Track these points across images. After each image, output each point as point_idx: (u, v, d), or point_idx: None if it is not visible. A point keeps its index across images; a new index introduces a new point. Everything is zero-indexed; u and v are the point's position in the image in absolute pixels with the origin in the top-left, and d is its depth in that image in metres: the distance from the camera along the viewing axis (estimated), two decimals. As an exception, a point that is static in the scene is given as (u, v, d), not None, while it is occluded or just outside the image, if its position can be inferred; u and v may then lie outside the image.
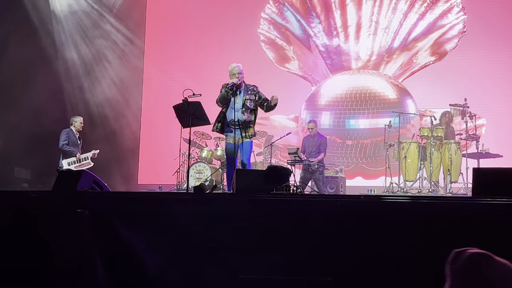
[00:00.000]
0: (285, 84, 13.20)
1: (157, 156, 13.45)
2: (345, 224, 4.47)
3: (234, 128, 8.01)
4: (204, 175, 11.76)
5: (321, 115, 12.83)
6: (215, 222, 4.75)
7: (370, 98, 12.74)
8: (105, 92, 13.45)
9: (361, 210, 4.59)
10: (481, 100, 11.64)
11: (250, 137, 8.11)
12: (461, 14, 12.49)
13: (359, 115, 12.77)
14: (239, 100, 8.05)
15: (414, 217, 4.36)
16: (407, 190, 10.36)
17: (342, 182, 11.52)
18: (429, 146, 10.38)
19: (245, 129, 8.05)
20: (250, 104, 8.06)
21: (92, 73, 13.59)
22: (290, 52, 13.54)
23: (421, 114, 11.85)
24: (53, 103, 12.44)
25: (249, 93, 8.09)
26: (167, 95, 12.15)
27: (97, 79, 13.58)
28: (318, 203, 5.02)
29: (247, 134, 8.07)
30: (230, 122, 8.05)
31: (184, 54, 13.95)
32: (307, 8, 13.39)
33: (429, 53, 12.69)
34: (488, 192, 4.70)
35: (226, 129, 8.12)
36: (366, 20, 13.05)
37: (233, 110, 8.01)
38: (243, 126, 8.02)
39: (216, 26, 13.79)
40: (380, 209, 4.58)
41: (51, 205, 5.18)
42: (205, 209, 4.92)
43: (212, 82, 12.67)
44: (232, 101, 8.00)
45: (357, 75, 13.01)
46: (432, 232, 4.25)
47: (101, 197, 5.66)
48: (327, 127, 12.64)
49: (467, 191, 9.92)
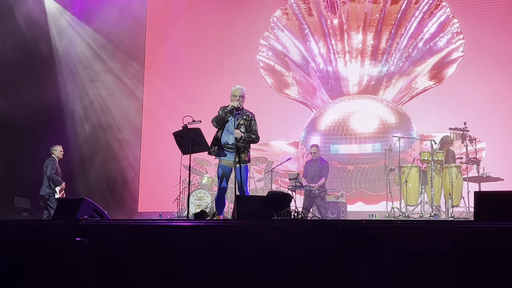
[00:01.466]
0: (285, 110, 13.22)
1: (158, 183, 13.41)
2: (346, 249, 4.44)
3: (229, 152, 7.90)
4: (205, 202, 11.74)
5: (321, 140, 12.81)
6: (216, 248, 4.72)
7: (370, 123, 12.74)
8: (104, 119, 13.47)
9: (362, 235, 4.56)
10: (481, 123, 11.65)
11: (244, 162, 7.92)
12: (459, 38, 12.54)
13: (359, 140, 12.76)
14: (235, 124, 7.92)
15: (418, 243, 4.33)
16: (409, 214, 10.32)
17: (344, 207, 11.48)
18: (430, 170, 10.36)
19: (238, 154, 7.83)
20: (244, 130, 7.91)
21: (91, 99, 13.62)
22: (289, 78, 13.57)
23: (421, 138, 11.86)
24: (51, 129, 12.49)
25: (244, 118, 7.97)
26: (167, 122, 12.17)
27: (96, 105, 13.60)
28: (320, 228, 4.99)
29: (242, 159, 7.86)
30: (225, 145, 7.92)
31: (184, 81, 13.99)
32: (305, 34, 13.45)
33: (428, 77, 12.72)
34: (491, 216, 4.68)
35: (220, 152, 7.98)
36: (364, 45, 13.09)
37: (228, 133, 7.91)
38: (237, 151, 7.83)
39: (215, 53, 13.83)
40: (383, 234, 4.55)
41: (51, 233, 5.16)
42: (206, 236, 4.89)
43: (212, 108, 12.71)
44: (229, 124, 7.92)
45: (357, 100, 13.03)
46: (439, 257, 4.21)
47: (101, 225, 5.63)
48: (327, 152, 12.62)
49: (469, 215, 9.88)
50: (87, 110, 13.56)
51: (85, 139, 13.40)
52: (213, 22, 13.99)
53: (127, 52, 14.12)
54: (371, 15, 13.09)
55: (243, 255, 4.58)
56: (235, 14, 13.89)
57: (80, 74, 13.63)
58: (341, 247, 4.47)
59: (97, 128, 13.53)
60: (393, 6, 12.97)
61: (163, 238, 4.99)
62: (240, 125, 7.91)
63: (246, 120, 7.97)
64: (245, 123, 7.96)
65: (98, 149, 13.41)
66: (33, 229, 5.54)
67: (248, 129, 7.96)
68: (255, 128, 8.01)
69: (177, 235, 5.03)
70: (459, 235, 4.35)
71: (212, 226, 5.47)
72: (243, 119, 7.97)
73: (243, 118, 7.97)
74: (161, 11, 14.56)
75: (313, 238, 4.66)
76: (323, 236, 4.65)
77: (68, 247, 4.83)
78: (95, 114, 13.62)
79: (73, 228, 5.14)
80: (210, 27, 14.01)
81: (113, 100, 13.75)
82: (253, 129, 7.99)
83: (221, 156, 8.00)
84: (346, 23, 13.22)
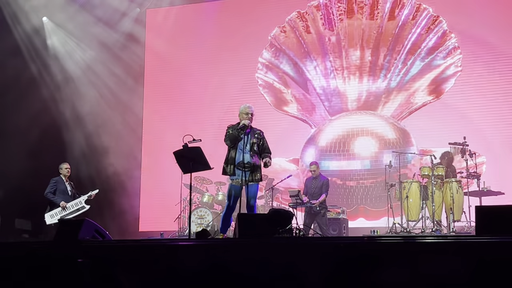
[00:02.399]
0: (284, 127, 13.24)
1: (158, 202, 13.38)
2: (349, 266, 4.43)
3: (243, 171, 7.84)
4: (206, 220, 11.72)
5: (321, 157, 12.82)
6: (219, 267, 4.71)
7: (370, 138, 12.76)
8: (104, 138, 13.49)
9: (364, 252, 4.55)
10: (480, 138, 11.68)
11: (257, 180, 7.97)
12: (457, 53, 12.59)
13: (358, 156, 12.77)
14: (247, 142, 7.93)
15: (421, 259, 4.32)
16: (410, 230, 10.30)
17: (345, 223, 11.45)
18: (431, 185, 10.35)
19: (253, 173, 7.89)
20: (256, 148, 7.95)
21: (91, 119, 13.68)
22: (288, 95, 13.60)
23: (421, 153, 11.86)
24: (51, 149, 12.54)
25: (256, 136, 8.00)
26: (167, 141, 12.17)
27: (95, 125, 13.64)
28: (322, 245, 4.99)
29: (254, 178, 7.92)
30: (239, 164, 7.89)
31: (184, 98, 14.02)
32: (304, 51, 13.51)
33: (427, 92, 12.75)
34: (492, 230, 4.68)
35: (234, 171, 7.93)
36: (362, 62, 13.14)
37: (242, 152, 7.89)
38: (252, 169, 7.87)
39: (214, 71, 13.88)
40: (384, 251, 4.54)
41: (53, 255, 5.15)
42: (208, 255, 4.88)
43: (212, 126, 12.81)
44: (241, 142, 7.91)
45: (356, 116, 13.05)
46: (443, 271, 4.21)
47: (103, 246, 5.62)
48: (327, 168, 12.62)
49: (471, 230, 9.85)
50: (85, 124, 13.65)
51: (84, 155, 13.45)
52: (211, 39, 14.06)
53: (126, 72, 14.19)
54: (369, 31, 13.16)
55: (245, 274, 4.57)
56: (233, 32, 13.96)
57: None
58: (343, 264, 4.46)
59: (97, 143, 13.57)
60: (390, 22, 13.04)
61: (164, 258, 4.98)
62: (254, 143, 7.94)
63: (258, 139, 8.01)
64: (258, 142, 8.00)
65: (98, 169, 13.41)
66: (35, 250, 5.53)
67: (261, 147, 8.02)
68: (267, 145, 8.09)
69: (179, 254, 5.02)
70: (461, 250, 4.34)
71: (214, 245, 5.47)
72: (255, 137, 8.00)
73: (254, 137, 8.00)
74: (159, 29, 14.63)
75: (315, 255, 4.65)
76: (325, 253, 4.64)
77: (69, 268, 4.82)
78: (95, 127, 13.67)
79: (75, 249, 5.14)
80: (208, 44, 14.08)
81: (113, 119, 13.80)
82: (266, 146, 8.06)
83: (232, 176, 8.00)
84: (343, 39, 13.27)
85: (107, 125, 13.63)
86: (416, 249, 4.47)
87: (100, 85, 13.95)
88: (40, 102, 12.92)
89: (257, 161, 7.98)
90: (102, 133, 13.49)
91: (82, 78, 13.86)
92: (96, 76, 13.97)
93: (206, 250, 5.05)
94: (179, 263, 4.83)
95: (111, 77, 14.02)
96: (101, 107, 13.79)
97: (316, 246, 4.97)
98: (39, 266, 5.04)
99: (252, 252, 4.80)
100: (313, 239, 7.50)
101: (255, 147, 7.94)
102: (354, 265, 4.43)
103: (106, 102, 13.91)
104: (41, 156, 12.14)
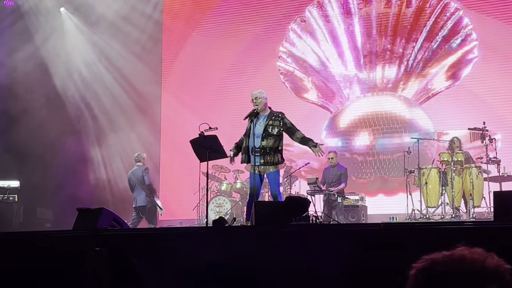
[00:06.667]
0: (305, 112, 13.24)
1: (177, 191, 13.46)
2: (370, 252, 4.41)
3: (254, 155, 7.75)
4: (224, 209, 11.75)
5: (341, 137, 13.07)
6: (236, 255, 4.72)
7: (389, 118, 12.80)
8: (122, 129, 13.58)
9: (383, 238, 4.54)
10: (499, 121, 11.63)
11: (271, 164, 7.78)
12: (472, 39, 12.53)
13: (379, 134, 12.83)
14: (260, 126, 7.82)
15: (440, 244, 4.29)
16: (430, 216, 10.24)
17: (364, 210, 11.41)
18: (450, 171, 10.28)
19: (264, 156, 7.72)
20: (273, 131, 7.81)
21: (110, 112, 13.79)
22: (308, 83, 13.67)
23: (439, 138, 11.82)
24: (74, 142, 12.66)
25: (273, 119, 7.86)
26: (186, 130, 12.20)
27: (114, 116, 13.75)
28: (341, 232, 4.98)
29: (267, 161, 7.73)
30: (252, 150, 7.77)
31: (202, 87, 14.05)
32: (323, 40, 13.54)
33: (444, 78, 12.73)
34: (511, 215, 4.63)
35: (248, 158, 7.90)
36: (381, 49, 13.14)
37: (253, 137, 7.74)
38: (262, 152, 7.73)
39: (233, 60, 13.91)
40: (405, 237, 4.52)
41: (72, 244, 5.20)
42: (225, 243, 4.90)
43: (230, 114, 12.81)
44: (251, 127, 7.82)
45: (376, 97, 13.15)
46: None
47: (121, 234, 5.66)
48: (348, 146, 12.90)
49: (491, 215, 9.77)
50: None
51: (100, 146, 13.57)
52: (231, 29, 14.07)
53: (145, 60, 14.24)
54: (387, 19, 13.17)
55: (261, 261, 4.58)
56: (254, 20, 13.99)
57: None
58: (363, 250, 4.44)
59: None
60: (408, 9, 13.05)
61: (183, 246, 5.01)
62: (269, 125, 7.80)
63: (275, 120, 7.85)
64: (276, 124, 7.83)
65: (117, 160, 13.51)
66: (54, 239, 5.59)
67: (284, 127, 7.88)
68: (291, 125, 7.93)
69: (197, 242, 5.04)
70: (479, 235, 4.31)
71: (231, 233, 5.49)
72: (272, 119, 7.85)
73: (271, 119, 7.86)
74: (176, 19, 14.65)
75: (334, 242, 4.64)
76: (345, 240, 4.63)
77: (88, 257, 4.86)
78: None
79: (93, 237, 5.18)
80: (227, 33, 14.08)
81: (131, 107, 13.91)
82: (290, 126, 7.91)
83: (249, 162, 7.92)
84: (362, 28, 13.30)
85: (126, 112, 13.78)
86: (435, 235, 4.44)
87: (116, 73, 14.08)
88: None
89: (272, 143, 7.77)
90: (118, 125, 13.63)
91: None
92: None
93: (223, 238, 5.06)
94: (196, 251, 4.85)
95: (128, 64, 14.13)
96: (118, 92, 13.92)
97: (332, 232, 4.96)
98: (59, 254, 5.09)
99: (267, 240, 4.81)
100: (331, 226, 7.47)
101: (269, 129, 7.77)
102: (372, 251, 4.41)
103: (122, 88, 14.02)
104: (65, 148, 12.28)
